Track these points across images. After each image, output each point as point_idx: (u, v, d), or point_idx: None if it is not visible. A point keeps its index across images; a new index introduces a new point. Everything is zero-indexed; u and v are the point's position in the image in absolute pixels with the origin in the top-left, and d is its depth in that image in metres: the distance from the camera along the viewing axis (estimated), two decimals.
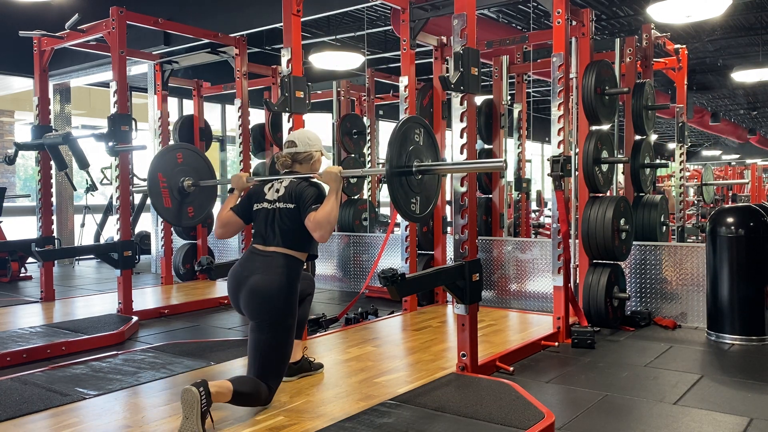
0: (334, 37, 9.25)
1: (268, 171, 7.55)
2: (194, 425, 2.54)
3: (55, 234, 6.20)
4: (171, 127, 7.37)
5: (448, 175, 5.27)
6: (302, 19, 4.30)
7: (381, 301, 5.88)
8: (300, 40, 4.24)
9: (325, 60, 8.47)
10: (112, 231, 6.93)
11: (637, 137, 5.84)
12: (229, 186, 3.45)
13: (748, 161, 17.54)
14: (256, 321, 2.93)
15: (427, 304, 5.56)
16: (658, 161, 6.00)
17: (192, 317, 5.55)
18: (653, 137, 6.07)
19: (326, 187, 3.06)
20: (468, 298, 3.47)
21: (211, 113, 11.10)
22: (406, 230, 5.26)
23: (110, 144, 5.17)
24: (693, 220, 9.37)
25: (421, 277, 3.39)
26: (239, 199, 3.31)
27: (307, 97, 4.21)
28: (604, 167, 4.89)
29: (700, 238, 7.94)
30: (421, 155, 3.19)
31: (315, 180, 3.15)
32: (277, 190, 3.11)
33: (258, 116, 7.93)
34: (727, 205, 5.60)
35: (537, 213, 11.55)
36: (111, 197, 9.22)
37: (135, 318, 5.11)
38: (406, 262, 5.25)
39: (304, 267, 3.17)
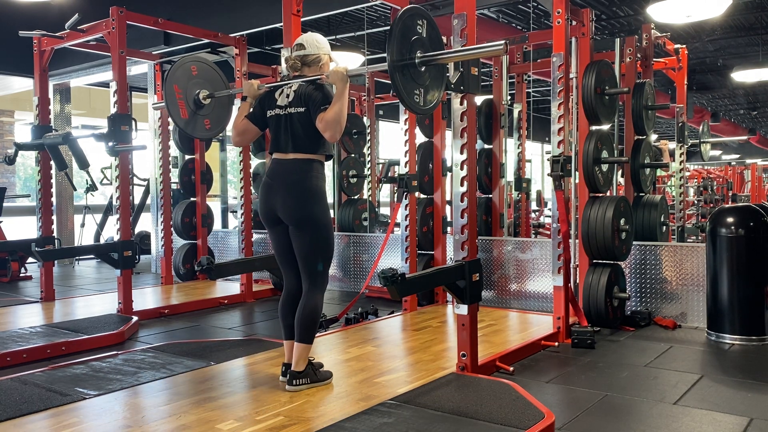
0: (334, 37, 9.25)
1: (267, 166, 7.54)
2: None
3: (55, 234, 6.21)
4: (171, 127, 7.38)
5: (449, 175, 5.27)
6: (302, 19, 4.31)
7: (381, 301, 5.88)
8: None
9: None
10: (112, 231, 6.93)
11: (637, 137, 5.84)
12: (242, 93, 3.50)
13: (748, 161, 17.53)
14: (296, 220, 3.15)
15: (427, 304, 5.57)
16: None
17: (192, 317, 5.56)
18: (653, 137, 6.07)
19: (334, 89, 3.12)
20: (468, 298, 3.47)
21: None
22: (406, 230, 5.26)
23: (110, 144, 5.17)
24: (693, 220, 9.37)
25: (421, 277, 3.39)
26: (252, 107, 3.38)
27: None
28: (604, 167, 4.89)
29: (700, 238, 7.94)
30: (424, 47, 3.16)
31: (322, 82, 3.19)
32: (288, 95, 3.22)
33: None
34: (727, 205, 5.59)
35: (537, 213, 11.55)
36: (111, 197, 9.23)
37: (135, 318, 5.11)
38: (406, 262, 5.25)
39: None
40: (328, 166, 3.66)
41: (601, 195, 4.90)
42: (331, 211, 8.93)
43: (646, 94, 5.75)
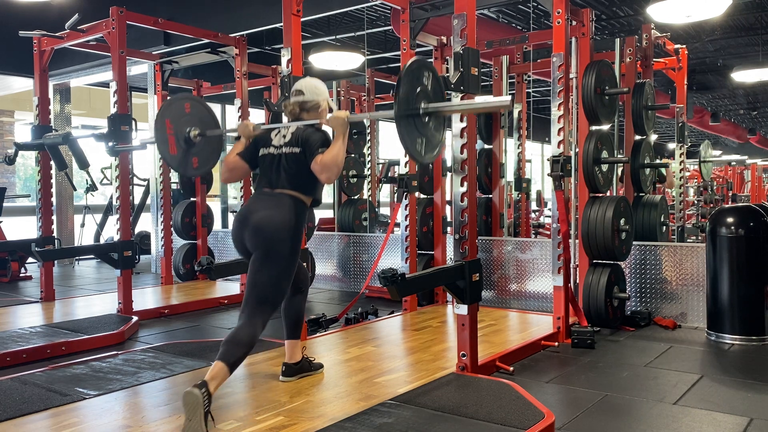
0: (334, 37, 9.26)
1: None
2: (198, 426, 2.54)
3: (55, 234, 6.21)
4: None
5: (449, 175, 5.27)
6: (302, 19, 4.30)
7: (381, 301, 5.88)
8: (300, 40, 4.24)
9: (325, 60, 8.47)
10: (112, 231, 6.93)
11: (637, 137, 5.84)
12: (235, 134, 3.46)
13: (748, 161, 17.54)
14: (259, 252, 2.99)
15: (427, 304, 5.57)
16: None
17: (192, 317, 5.56)
18: (653, 137, 6.07)
19: (332, 134, 3.10)
20: (468, 298, 3.47)
21: None
22: (406, 230, 5.26)
23: (110, 144, 5.16)
24: (693, 220, 9.37)
25: (421, 277, 3.39)
26: (245, 146, 3.33)
27: None
28: (604, 167, 4.89)
29: (700, 238, 7.94)
30: (428, 98, 3.18)
31: (322, 127, 3.18)
32: (284, 136, 3.19)
33: (258, 116, 7.93)
34: (727, 205, 5.60)
35: (537, 213, 11.55)
36: (111, 197, 9.23)
37: (135, 318, 5.11)
38: (406, 262, 5.25)
39: (304, 264, 3.18)
40: None
41: (601, 195, 4.90)
42: (331, 211, 8.92)
43: (646, 94, 5.75)
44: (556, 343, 4.29)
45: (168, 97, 3.95)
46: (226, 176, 3.37)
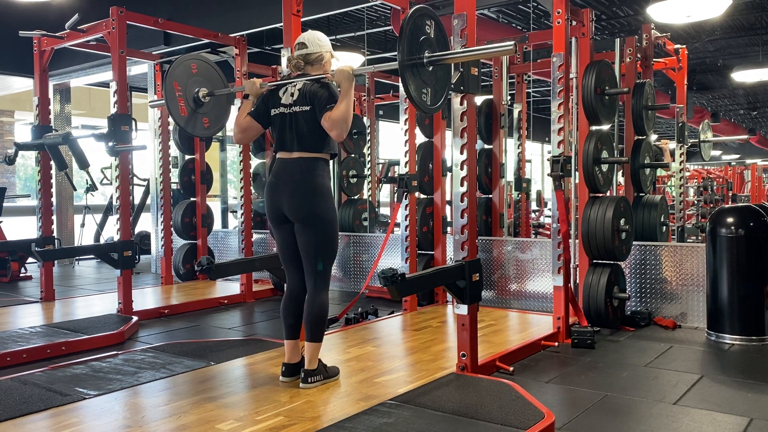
0: (334, 37, 9.25)
1: (268, 169, 7.55)
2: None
3: (55, 234, 6.21)
4: (171, 127, 7.38)
5: (449, 175, 5.27)
6: (302, 19, 4.30)
7: (381, 301, 5.88)
8: None
9: None
10: (112, 231, 6.93)
11: (637, 137, 5.84)
12: (243, 92, 3.48)
13: (748, 161, 17.53)
14: (303, 218, 3.15)
15: (427, 304, 5.57)
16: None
17: (192, 317, 5.56)
18: (653, 137, 6.07)
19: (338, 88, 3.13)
20: (468, 298, 3.46)
21: None
22: (406, 230, 5.26)
23: (110, 144, 5.17)
24: (693, 220, 9.37)
25: (421, 277, 3.39)
26: (254, 105, 3.35)
27: None
28: (604, 167, 4.89)
29: (700, 238, 7.94)
30: (432, 47, 3.19)
31: (327, 81, 3.19)
32: (292, 94, 3.20)
33: None
34: (727, 206, 5.59)
35: (537, 213, 11.55)
36: (111, 197, 9.23)
37: (135, 318, 5.11)
38: (406, 262, 5.25)
39: None
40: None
41: (601, 195, 4.90)
42: None
43: (646, 94, 5.75)
44: (556, 343, 4.29)
45: (175, 60, 3.93)
46: (240, 137, 3.39)
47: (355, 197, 7.90)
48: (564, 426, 2.92)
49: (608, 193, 5.11)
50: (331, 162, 3.36)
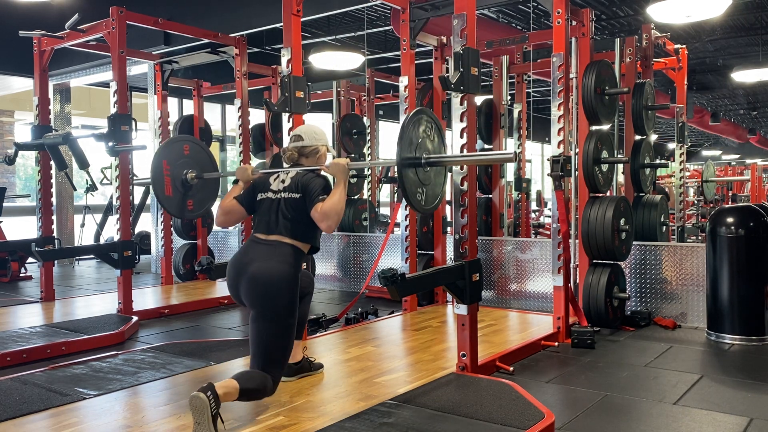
0: (334, 37, 9.25)
1: (270, 168, 7.55)
2: (207, 430, 2.51)
3: (55, 234, 6.20)
4: (171, 127, 7.38)
5: (449, 175, 5.26)
6: (302, 19, 4.30)
7: (381, 301, 5.88)
8: (300, 40, 4.24)
9: (325, 60, 8.47)
10: (112, 231, 6.93)
11: (637, 137, 5.83)
12: (233, 178, 3.44)
13: (748, 161, 17.53)
14: (257, 310, 2.86)
15: (427, 304, 5.57)
16: (658, 161, 6.00)
17: (192, 317, 5.56)
18: (653, 137, 6.07)
19: (333, 180, 3.07)
20: (468, 298, 3.47)
21: (211, 113, 11.10)
22: (406, 230, 5.26)
23: (110, 144, 5.17)
24: (693, 220, 9.37)
25: (421, 277, 3.39)
26: (242, 190, 3.29)
27: (307, 97, 4.21)
28: (604, 167, 4.89)
29: (700, 238, 7.94)
30: (429, 148, 3.23)
31: (322, 172, 3.16)
32: (283, 181, 3.12)
33: (258, 116, 7.93)
34: (727, 205, 5.60)
35: (537, 213, 11.55)
36: (111, 197, 9.23)
37: (135, 318, 5.11)
38: (406, 262, 5.25)
39: (304, 265, 3.17)
40: None
41: (601, 195, 4.90)
42: None
43: (646, 94, 5.74)
44: (556, 343, 4.29)
45: (167, 139, 3.94)
46: (221, 220, 3.24)
47: (355, 197, 7.90)
48: (564, 426, 2.92)
49: (608, 193, 5.11)
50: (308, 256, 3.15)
